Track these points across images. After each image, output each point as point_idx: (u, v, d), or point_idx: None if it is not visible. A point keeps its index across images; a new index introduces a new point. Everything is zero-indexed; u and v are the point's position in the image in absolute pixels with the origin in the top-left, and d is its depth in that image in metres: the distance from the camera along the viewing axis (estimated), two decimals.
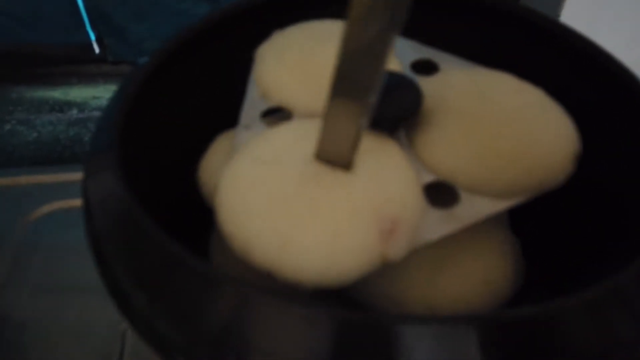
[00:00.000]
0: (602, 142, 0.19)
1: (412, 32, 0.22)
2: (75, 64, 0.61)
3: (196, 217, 0.21)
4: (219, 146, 0.22)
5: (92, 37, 0.57)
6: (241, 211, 0.16)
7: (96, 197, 0.17)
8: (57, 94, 0.59)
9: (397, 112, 0.18)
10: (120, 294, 0.16)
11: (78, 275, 0.33)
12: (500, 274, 0.18)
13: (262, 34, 0.22)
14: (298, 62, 0.20)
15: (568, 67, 0.21)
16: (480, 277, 0.18)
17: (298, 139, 0.17)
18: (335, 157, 0.16)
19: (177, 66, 0.22)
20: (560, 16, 0.44)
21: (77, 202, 0.35)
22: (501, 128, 0.18)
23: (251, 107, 0.20)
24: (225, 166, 0.17)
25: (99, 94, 0.59)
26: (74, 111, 0.57)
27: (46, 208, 0.36)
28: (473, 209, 0.17)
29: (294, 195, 0.16)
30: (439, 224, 0.16)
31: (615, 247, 0.18)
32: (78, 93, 0.59)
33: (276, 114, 0.20)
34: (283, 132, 0.18)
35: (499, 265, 0.18)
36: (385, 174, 0.16)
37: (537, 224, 0.21)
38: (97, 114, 0.57)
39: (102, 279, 0.16)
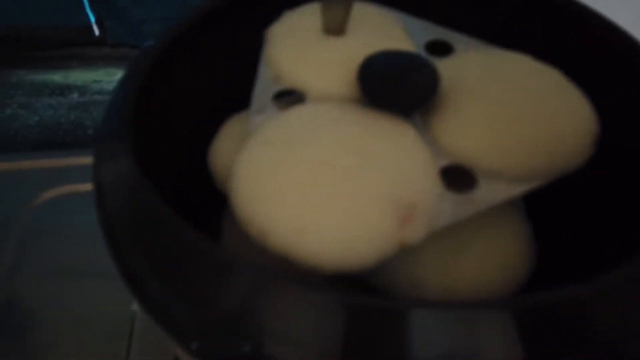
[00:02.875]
0: (621, 124, 0.19)
1: (424, 12, 0.22)
2: (75, 47, 0.60)
3: (208, 199, 0.20)
4: (230, 129, 0.21)
5: (92, 19, 0.56)
6: (256, 196, 0.15)
7: (108, 181, 0.17)
8: (57, 77, 0.59)
9: (413, 94, 0.17)
10: (134, 279, 0.16)
11: (83, 260, 0.33)
12: (516, 258, 0.18)
13: (273, 14, 0.22)
14: (310, 43, 0.20)
15: (586, 49, 0.21)
16: (496, 262, 0.18)
17: (313, 122, 0.17)
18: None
19: (187, 47, 0.22)
20: None
21: (81, 187, 0.35)
22: (520, 111, 0.17)
23: (263, 89, 0.19)
24: (239, 151, 0.17)
25: (99, 78, 0.59)
26: (75, 95, 0.57)
27: (50, 193, 0.36)
28: (490, 193, 0.16)
29: (310, 181, 0.15)
30: (456, 208, 0.16)
31: (629, 234, 0.18)
32: (78, 76, 0.59)
33: (289, 97, 0.19)
34: (297, 116, 0.18)
35: (515, 250, 0.18)
36: (402, 159, 0.16)
37: (550, 207, 0.20)
38: (98, 97, 0.57)
39: (115, 263, 0.16)
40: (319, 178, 0.15)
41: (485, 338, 0.13)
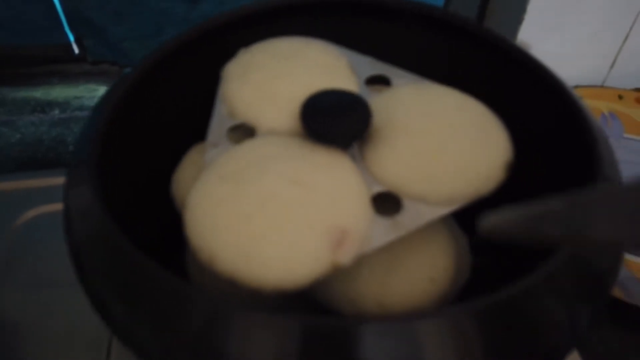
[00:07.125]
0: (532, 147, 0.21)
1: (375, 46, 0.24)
2: (56, 64, 0.61)
3: (173, 225, 0.22)
4: (191, 159, 0.23)
5: (71, 38, 0.57)
6: (207, 227, 0.17)
7: (75, 210, 0.19)
8: (38, 94, 0.60)
9: (348, 130, 0.19)
10: (100, 303, 0.18)
11: (67, 277, 0.34)
12: (444, 271, 0.20)
13: (231, 50, 0.24)
14: (261, 81, 0.22)
15: (513, 81, 0.23)
16: (425, 275, 0.20)
17: (259, 157, 0.19)
18: None
19: (154, 81, 0.24)
20: (527, 12, 0.46)
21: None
22: (443, 142, 0.19)
23: (218, 124, 0.21)
24: (194, 183, 0.19)
25: (80, 94, 0.60)
26: (56, 111, 0.58)
27: (32, 212, 0.38)
28: (416, 216, 0.18)
29: (254, 212, 0.17)
30: (385, 232, 0.18)
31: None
32: (59, 93, 0.60)
33: (242, 129, 0.21)
34: (246, 151, 0.20)
35: (443, 264, 0.20)
36: (337, 189, 0.18)
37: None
38: (79, 113, 0.59)
39: (83, 287, 0.18)
40: (262, 209, 0.17)
41: (425, 346, 0.15)
